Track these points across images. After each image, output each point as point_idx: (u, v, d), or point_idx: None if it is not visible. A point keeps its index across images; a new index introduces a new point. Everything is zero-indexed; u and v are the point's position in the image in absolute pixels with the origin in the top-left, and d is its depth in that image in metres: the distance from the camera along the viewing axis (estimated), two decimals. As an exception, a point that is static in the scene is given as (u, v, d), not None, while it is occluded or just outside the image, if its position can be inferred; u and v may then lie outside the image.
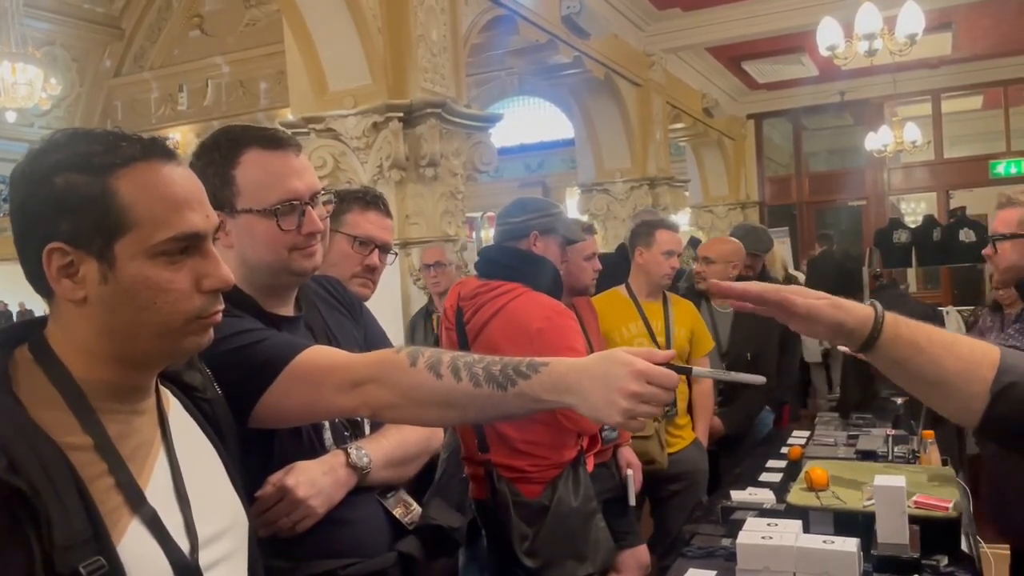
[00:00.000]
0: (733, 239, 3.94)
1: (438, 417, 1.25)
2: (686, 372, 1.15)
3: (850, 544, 1.79)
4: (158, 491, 0.94)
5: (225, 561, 1.00)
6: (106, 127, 0.97)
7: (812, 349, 6.37)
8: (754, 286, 1.19)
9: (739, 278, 3.90)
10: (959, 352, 1.16)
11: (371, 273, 2.03)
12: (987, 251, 2.44)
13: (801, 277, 7.65)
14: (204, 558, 0.95)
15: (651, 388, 1.07)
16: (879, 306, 1.19)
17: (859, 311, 1.17)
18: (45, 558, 0.81)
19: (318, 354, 1.26)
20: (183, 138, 9.10)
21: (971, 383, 1.14)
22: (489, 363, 1.15)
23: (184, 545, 0.93)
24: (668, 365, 1.09)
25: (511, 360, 1.15)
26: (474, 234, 11.24)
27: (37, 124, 9.11)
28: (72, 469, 0.86)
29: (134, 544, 0.88)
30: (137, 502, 0.90)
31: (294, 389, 1.22)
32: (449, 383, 1.15)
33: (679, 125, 9.45)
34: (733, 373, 1.18)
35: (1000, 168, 10.80)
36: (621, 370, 1.07)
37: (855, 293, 8.08)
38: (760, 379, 1.14)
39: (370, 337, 1.62)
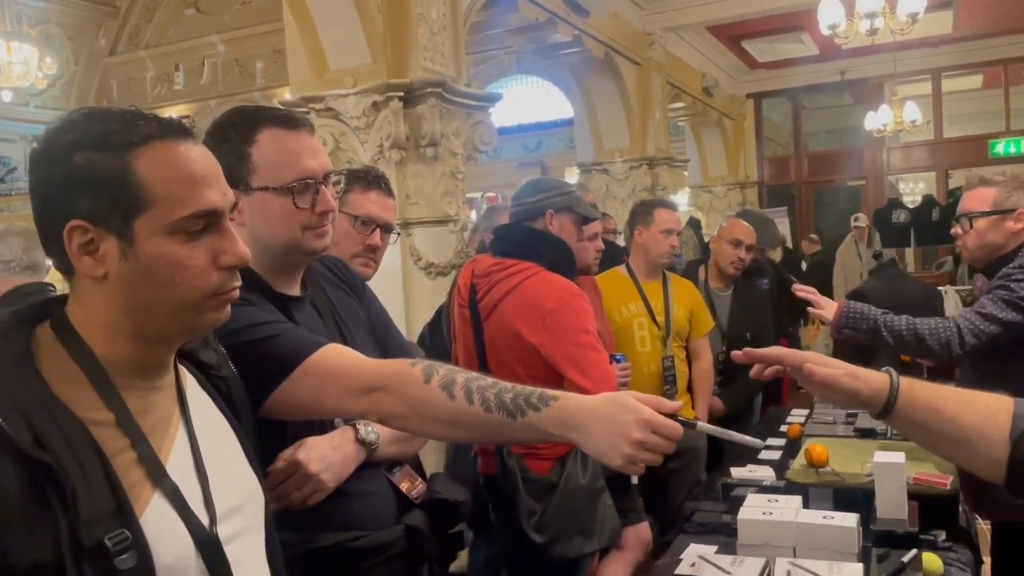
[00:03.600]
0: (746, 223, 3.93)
1: (445, 434, 1.29)
2: (691, 426, 1.19)
3: (849, 519, 1.82)
4: (178, 466, 0.96)
5: (243, 535, 1.02)
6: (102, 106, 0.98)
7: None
8: (774, 352, 1.30)
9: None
10: (976, 408, 1.20)
11: (373, 253, 2.04)
12: (956, 230, 2.50)
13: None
14: (223, 531, 0.97)
15: (655, 438, 1.11)
16: (894, 373, 1.23)
17: (875, 380, 1.22)
18: (71, 531, 0.83)
19: (332, 354, 1.28)
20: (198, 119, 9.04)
21: (991, 435, 1.17)
22: (501, 389, 1.18)
23: (204, 518, 0.95)
24: (674, 417, 1.13)
25: (523, 390, 1.18)
26: (473, 214, 11.22)
27: (33, 103, 9.04)
28: (95, 444, 0.88)
29: (156, 517, 0.90)
30: (158, 476, 0.92)
31: (305, 387, 1.25)
32: (461, 405, 1.17)
33: (678, 105, 9.42)
34: (735, 434, 1.22)
35: (999, 147, 10.78)
36: (628, 417, 1.11)
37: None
38: (759, 443, 1.20)
39: (373, 316, 1.64)
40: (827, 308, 2.49)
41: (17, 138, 9.29)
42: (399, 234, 2.37)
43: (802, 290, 2.59)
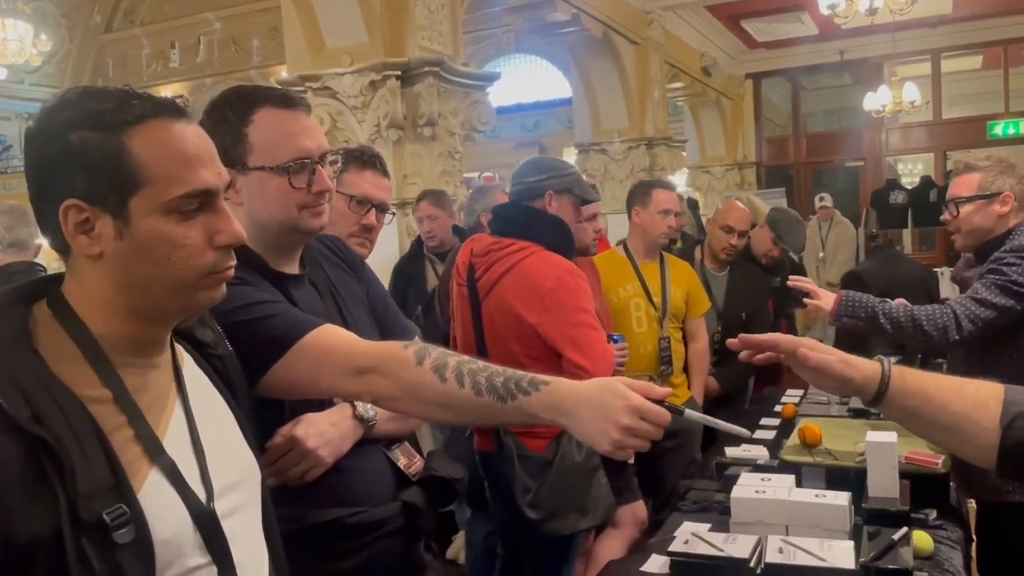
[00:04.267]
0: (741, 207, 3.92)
1: (436, 416, 1.31)
2: (678, 412, 1.20)
3: (841, 498, 1.84)
4: (175, 442, 0.96)
5: (240, 510, 1.03)
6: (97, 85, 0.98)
7: None
8: (769, 338, 1.31)
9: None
10: (967, 395, 1.21)
11: (368, 233, 2.04)
12: (945, 216, 2.52)
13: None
14: (220, 507, 0.98)
15: (643, 424, 1.13)
16: (886, 361, 1.24)
17: (867, 368, 1.23)
18: (70, 506, 0.84)
19: (328, 335, 1.29)
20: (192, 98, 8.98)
21: (981, 421, 1.18)
22: (493, 373, 1.20)
23: (201, 494, 0.96)
24: (662, 403, 1.15)
25: (514, 374, 1.20)
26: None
27: (28, 81, 9.00)
28: (93, 421, 0.88)
29: (154, 493, 0.91)
30: (155, 453, 0.93)
31: (300, 367, 1.26)
32: (452, 388, 1.19)
33: (677, 84, 9.39)
34: (722, 423, 1.24)
35: (998, 129, 10.77)
36: (617, 403, 1.13)
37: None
38: (747, 433, 1.22)
39: (372, 295, 1.65)
40: (824, 299, 2.50)
41: (12, 116, 9.23)
42: (394, 214, 2.37)
43: (798, 281, 2.60)
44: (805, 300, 2.58)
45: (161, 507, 0.91)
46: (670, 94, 9.16)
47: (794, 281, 2.61)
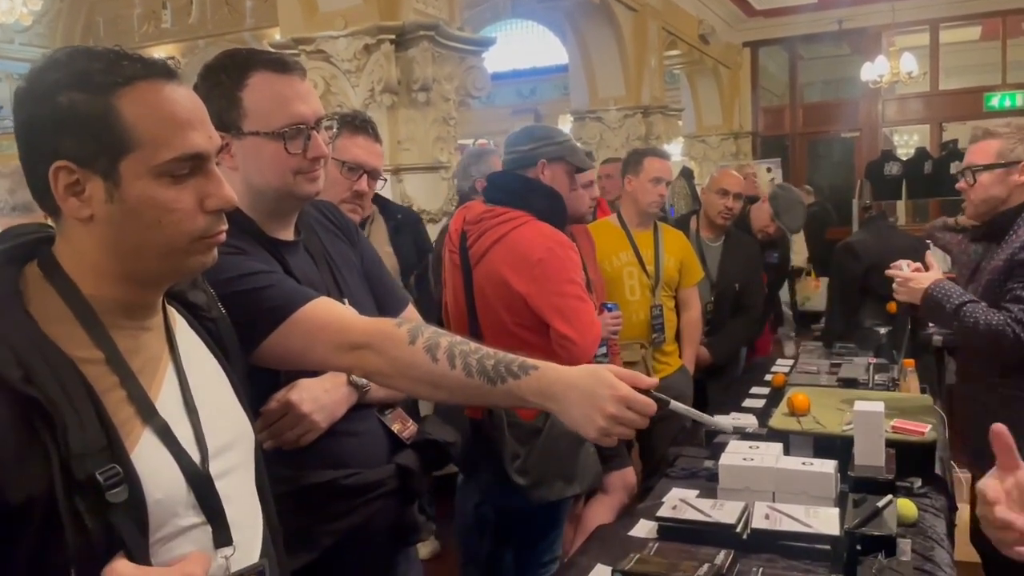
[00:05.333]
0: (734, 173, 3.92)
1: (427, 394, 1.34)
2: (664, 403, 1.23)
3: (828, 466, 1.87)
4: (168, 404, 0.97)
5: (233, 472, 1.04)
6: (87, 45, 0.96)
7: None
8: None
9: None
10: None
11: (359, 199, 2.04)
12: (961, 185, 2.45)
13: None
14: (213, 468, 0.99)
15: (629, 414, 1.17)
16: None
17: None
18: (63, 466, 0.85)
19: (321, 308, 1.30)
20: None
21: None
22: (484, 356, 1.22)
23: (195, 455, 0.97)
24: (648, 394, 1.18)
25: (505, 357, 1.22)
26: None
27: (18, 41, 8.86)
28: (85, 381, 0.89)
29: (147, 453, 0.92)
30: (148, 414, 0.94)
31: (293, 340, 1.28)
32: (443, 368, 1.21)
33: (674, 52, 9.31)
34: (706, 416, 1.27)
35: (995, 101, 10.72)
36: (605, 391, 1.16)
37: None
38: (728, 426, 1.20)
39: (367, 262, 1.65)
40: (916, 282, 2.39)
41: (3, 76, 9.10)
42: (386, 180, 2.36)
43: (895, 271, 2.47)
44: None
45: (154, 467, 0.92)
46: (667, 62, 9.08)
47: (896, 268, 2.48)
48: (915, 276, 2.41)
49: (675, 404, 1.26)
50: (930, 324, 2.68)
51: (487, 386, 1.20)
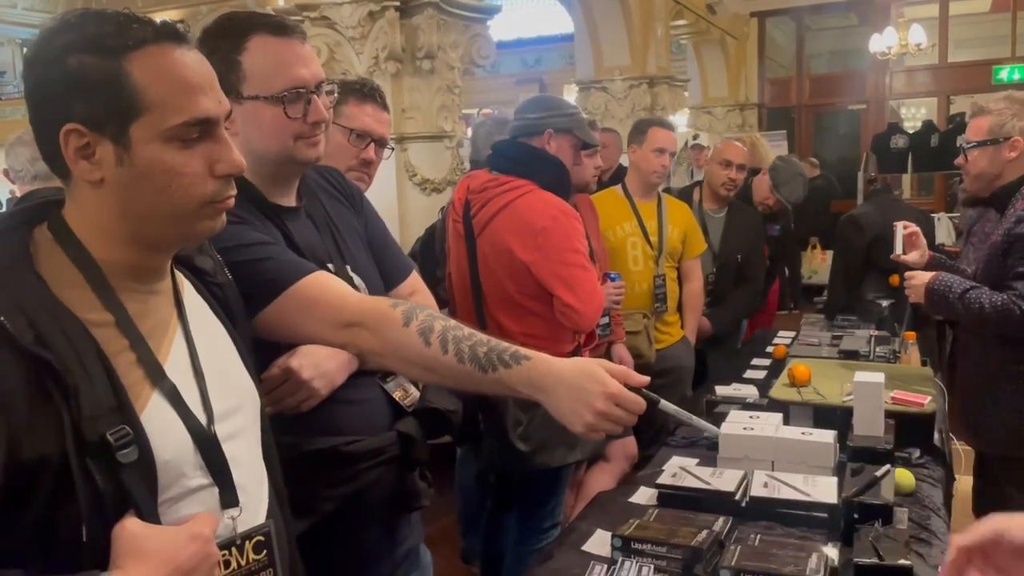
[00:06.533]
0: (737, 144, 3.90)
1: (420, 376, 1.36)
2: (654, 402, 1.24)
3: (827, 436, 1.88)
4: (176, 367, 0.98)
5: (240, 434, 1.05)
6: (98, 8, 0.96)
7: None
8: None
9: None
10: None
11: (367, 167, 2.03)
12: (959, 160, 2.47)
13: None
14: (220, 430, 1.00)
15: (617, 411, 1.18)
16: None
17: None
18: (74, 427, 0.86)
19: (318, 284, 1.30)
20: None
21: None
22: (477, 343, 1.22)
23: (202, 418, 0.98)
24: (638, 391, 1.19)
25: (498, 345, 1.22)
26: (468, 131, 11.07)
27: (21, 6, 8.80)
28: (95, 344, 0.90)
29: (155, 415, 0.93)
30: (157, 376, 0.95)
31: (288, 313, 1.28)
32: (435, 352, 1.22)
33: (681, 22, 9.20)
34: (695, 418, 1.28)
35: (1003, 74, 10.60)
36: (595, 388, 1.17)
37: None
38: (715, 433, 1.22)
39: (371, 230, 1.65)
40: (919, 279, 2.42)
41: (5, 41, 9.04)
42: (392, 149, 2.35)
43: (903, 258, 2.50)
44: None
45: (163, 429, 0.93)
46: (673, 32, 8.98)
47: (898, 257, 2.53)
48: (916, 275, 2.44)
49: (664, 404, 1.28)
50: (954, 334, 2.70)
51: (478, 373, 1.21)
